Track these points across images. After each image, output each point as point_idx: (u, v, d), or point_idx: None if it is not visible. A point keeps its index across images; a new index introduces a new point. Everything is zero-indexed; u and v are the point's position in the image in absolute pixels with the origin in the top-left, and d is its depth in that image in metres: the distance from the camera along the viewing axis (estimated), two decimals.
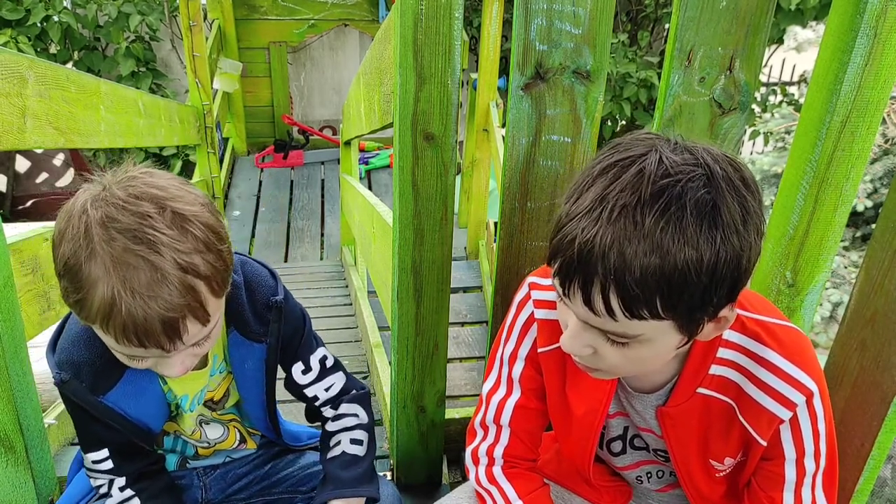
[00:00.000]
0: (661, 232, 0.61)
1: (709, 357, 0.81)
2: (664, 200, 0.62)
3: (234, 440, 1.08)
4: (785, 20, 4.16)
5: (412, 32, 0.98)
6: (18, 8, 4.59)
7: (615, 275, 0.63)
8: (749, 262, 0.65)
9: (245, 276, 0.95)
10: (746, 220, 0.64)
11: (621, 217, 0.63)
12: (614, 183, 0.65)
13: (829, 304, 3.05)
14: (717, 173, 0.63)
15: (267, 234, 4.65)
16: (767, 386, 0.78)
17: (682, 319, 0.67)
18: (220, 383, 1.00)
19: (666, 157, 0.64)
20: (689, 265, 0.62)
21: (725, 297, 0.66)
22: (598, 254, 0.63)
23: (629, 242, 0.62)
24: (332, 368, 1.06)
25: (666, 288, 0.63)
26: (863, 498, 1.01)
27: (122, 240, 0.70)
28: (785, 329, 0.79)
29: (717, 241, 0.62)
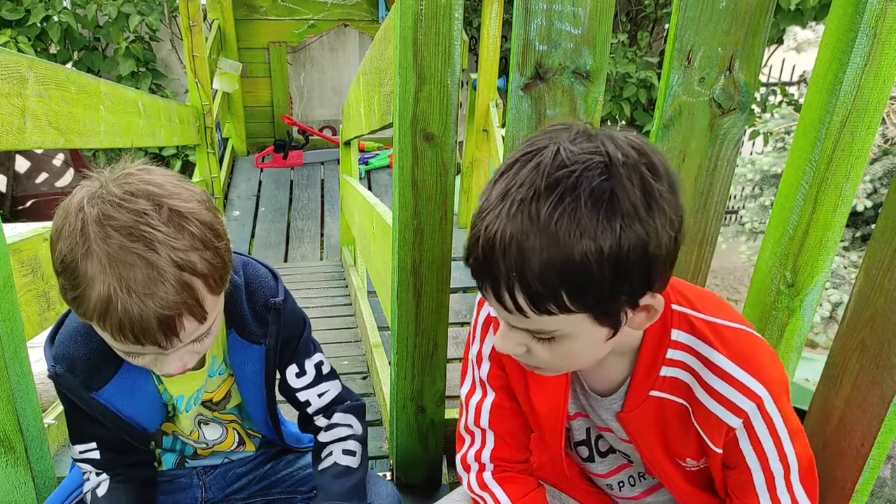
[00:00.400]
0: (557, 224, 0.60)
1: (658, 358, 0.80)
2: (558, 192, 0.61)
3: (233, 442, 1.08)
4: (784, 20, 4.16)
5: (412, 32, 0.98)
6: (18, 8, 4.59)
7: (517, 272, 0.63)
8: (660, 249, 0.63)
9: (246, 278, 0.95)
10: (651, 206, 0.62)
11: (519, 212, 0.62)
12: (515, 178, 0.64)
13: (829, 304, 3.06)
14: (617, 160, 0.62)
15: (267, 234, 4.65)
16: (716, 392, 0.77)
17: (596, 311, 0.66)
18: (220, 385, 1.00)
19: (564, 148, 0.63)
20: (588, 256, 0.61)
21: (639, 285, 0.65)
22: (500, 251, 0.63)
23: (527, 238, 0.61)
24: (328, 376, 1.05)
25: (568, 281, 0.62)
26: (862, 498, 1.01)
27: (118, 237, 0.70)
28: (736, 332, 0.78)
29: (617, 229, 0.61)
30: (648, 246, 0.62)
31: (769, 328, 1.10)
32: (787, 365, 1.14)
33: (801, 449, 0.79)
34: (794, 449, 0.78)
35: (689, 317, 0.79)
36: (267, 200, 5.03)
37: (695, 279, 1.21)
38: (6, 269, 1.08)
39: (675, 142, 1.09)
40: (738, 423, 0.76)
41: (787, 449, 0.78)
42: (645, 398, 0.82)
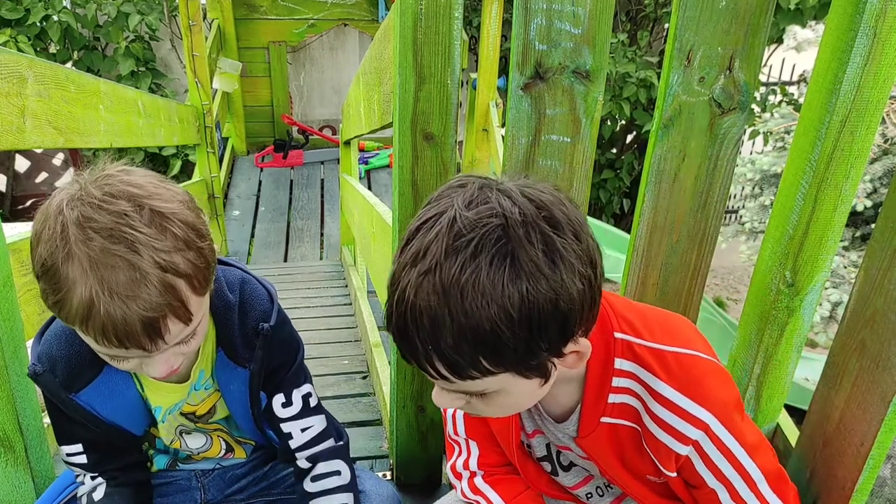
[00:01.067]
0: (462, 295, 0.60)
1: (605, 386, 0.80)
2: (459, 262, 0.61)
3: (220, 449, 1.06)
4: (784, 20, 4.16)
5: (412, 32, 0.98)
6: (18, 7, 4.58)
7: (432, 345, 0.63)
8: (572, 302, 0.63)
9: (241, 297, 0.93)
10: (554, 261, 0.62)
11: (425, 285, 0.62)
12: (419, 246, 0.64)
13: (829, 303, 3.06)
14: (514, 220, 0.62)
15: (267, 233, 4.65)
16: (662, 420, 0.77)
17: (518, 369, 0.66)
18: (206, 399, 0.98)
19: (460, 215, 0.63)
20: (498, 323, 0.60)
21: (557, 339, 0.65)
22: (413, 327, 0.63)
23: (436, 311, 0.61)
24: (314, 410, 1.02)
25: (483, 348, 0.62)
26: (862, 497, 1.01)
27: (99, 240, 0.69)
28: (679, 357, 0.77)
29: (523, 291, 0.60)
30: (558, 302, 0.62)
31: (769, 328, 1.10)
32: (787, 365, 1.14)
33: (763, 461, 0.79)
34: (754, 463, 0.77)
35: (631, 344, 0.78)
36: (267, 200, 5.03)
37: (695, 278, 1.21)
38: (6, 269, 1.08)
39: (674, 141, 1.09)
40: (687, 449, 0.76)
41: (747, 464, 0.77)
42: (597, 424, 0.82)
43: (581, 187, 1.11)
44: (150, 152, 5.16)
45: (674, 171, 1.11)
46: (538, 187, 0.66)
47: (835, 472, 1.04)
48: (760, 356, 1.13)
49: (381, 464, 1.57)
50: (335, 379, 2.19)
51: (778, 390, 1.17)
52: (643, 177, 1.13)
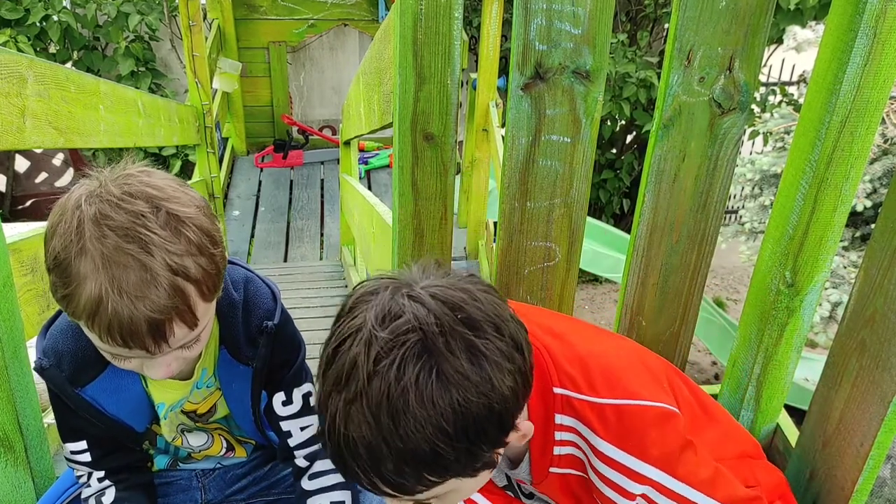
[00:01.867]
0: (395, 422, 0.59)
1: (549, 441, 0.80)
2: (384, 387, 0.59)
3: (221, 448, 1.06)
4: (784, 20, 4.16)
5: (412, 32, 0.98)
6: (18, 7, 4.58)
7: (373, 472, 0.63)
8: (504, 400, 0.62)
9: (245, 296, 0.94)
10: (480, 365, 0.61)
11: (354, 416, 0.61)
12: (340, 373, 0.63)
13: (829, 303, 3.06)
14: (432, 332, 0.60)
15: (266, 233, 4.65)
16: (605, 477, 0.76)
17: (464, 473, 0.66)
18: (206, 398, 0.99)
19: (375, 336, 0.61)
20: (436, 441, 0.60)
21: (497, 436, 0.65)
22: (349, 456, 0.63)
23: (371, 441, 0.61)
24: (314, 409, 1.00)
25: (426, 467, 0.62)
26: (862, 497, 1.01)
27: (113, 238, 0.69)
28: (620, 410, 0.75)
29: (455, 403, 0.59)
30: (492, 405, 0.62)
31: (769, 328, 1.10)
32: (787, 365, 1.14)
33: (726, 492, 0.77)
34: (713, 499, 0.77)
35: (570, 399, 0.78)
36: (267, 200, 5.03)
37: (695, 279, 1.21)
38: (6, 269, 1.08)
39: (675, 142, 1.09)
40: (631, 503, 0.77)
41: (698, 499, 0.77)
42: (546, 475, 0.83)
43: (581, 187, 1.11)
44: (151, 152, 5.16)
45: (674, 171, 1.11)
46: (450, 284, 0.65)
47: (835, 472, 1.04)
48: (760, 356, 1.13)
49: None
50: None
51: (778, 390, 1.17)
52: (643, 177, 1.13)
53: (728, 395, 1.24)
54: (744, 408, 1.20)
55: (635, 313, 1.24)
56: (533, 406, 0.78)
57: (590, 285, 5.02)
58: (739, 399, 1.20)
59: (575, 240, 1.15)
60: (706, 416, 0.91)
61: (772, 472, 0.96)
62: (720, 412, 0.95)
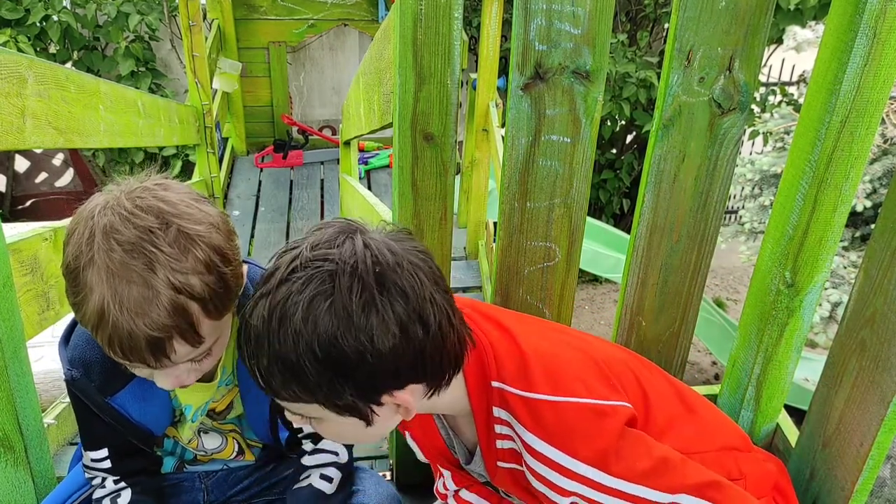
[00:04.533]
0: (280, 324, 0.66)
1: (491, 433, 0.81)
2: (285, 294, 0.66)
3: (232, 451, 1.07)
4: (784, 20, 4.15)
5: (412, 32, 0.98)
6: (18, 7, 4.58)
7: (254, 360, 0.69)
8: (381, 357, 0.66)
9: None
10: (369, 315, 0.65)
11: (258, 307, 0.68)
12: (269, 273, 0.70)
13: (829, 304, 3.06)
14: (343, 269, 0.66)
15: (266, 234, 4.65)
16: (538, 473, 0.77)
17: (327, 404, 0.70)
18: (225, 395, 0.99)
19: (302, 254, 0.68)
20: (303, 356, 0.65)
21: (367, 388, 0.68)
22: (244, 341, 0.70)
23: (259, 333, 0.67)
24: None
25: (291, 376, 0.67)
26: (862, 497, 1.01)
27: (120, 252, 0.69)
28: (554, 407, 0.75)
29: (331, 333, 0.64)
30: (364, 354, 0.65)
31: (769, 328, 1.10)
32: (787, 365, 1.14)
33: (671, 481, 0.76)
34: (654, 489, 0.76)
35: (505, 394, 0.78)
36: (267, 200, 5.03)
37: (694, 279, 1.21)
38: (6, 269, 1.08)
39: (674, 142, 1.09)
40: (569, 499, 0.77)
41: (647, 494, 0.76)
42: (496, 469, 0.84)
43: (581, 187, 1.11)
44: (151, 152, 5.16)
45: (674, 171, 1.11)
46: (389, 246, 0.69)
47: (835, 472, 1.04)
48: (760, 356, 1.13)
49: (381, 464, 1.57)
50: None
51: (778, 390, 1.17)
52: (643, 177, 1.13)
53: (728, 395, 1.24)
54: (744, 408, 1.20)
55: (635, 313, 1.24)
56: (475, 397, 0.81)
57: (590, 285, 5.02)
58: (739, 399, 1.20)
59: (575, 240, 1.15)
60: (686, 409, 0.91)
61: (763, 464, 0.96)
62: (703, 406, 0.95)
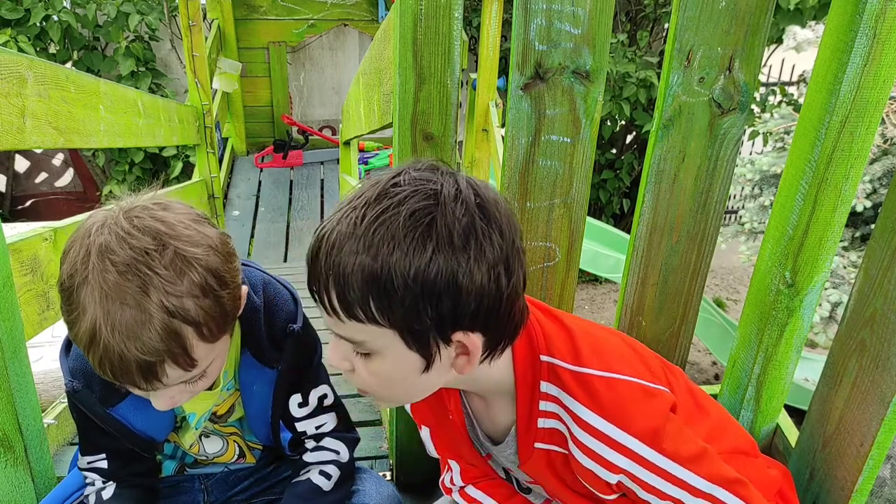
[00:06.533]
0: (374, 234, 0.63)
1: (534, 410, 0.80)
2: (384, 205, 0.64)
3: (233, 454, 1.07)
4: (784, 20, 4.15)
5: (412, 32, 0.98)
6: (18, 7, 4.58)
7: (333, 271, 0.65)
8: (472, 286, 0.64)
9: (266, 299, 0.93)
10: (468, 242, 0.63)
11: (346, 219, 0.65)
12: (365, 188, 0.68)
13: (828, 304, 3.06)
14: (448, 193, 0.64)
15: (266, 233, 4.65)
16: (588, 448, 0.76)
17: (402, 330, 0.66)
18: (227, 399, 0.99)
19: (406, 172, 0.67)
20: (395, 270, 0.62)
21: (448, 316, 0.65)
22: (324, 252, 0.66)
23: (346, 241, 0.64)
24: (328, 408, 1.03)
25: (376, 290, 0.63)
26: (862, 497, 1.01)
27: (114, 273, 0.68)
28: (606, 382, 0.76)
29: (429, 251, 0.62)
30: (458, 278, 0.63)
31: (769, 328, 1.10)
32: (787, 365, 1.14)
33: (710, 470, 0.77)
34: (697, 475, 0.76)
35: (556, 368, 0.78)
36: (266, 200, 5.03)
37: (694, 279, 1.21)
38: (6, 269, 1.08)
39: (674, 142, 1.09)
40: (617, 477, 0.76)
41: (690, 478, 0.76)
42: (532, 451, 0.82)
43: (581, 187, 1.11)
44: (151, 153, 5.16)
45: (673, 171, 1.11)
46: (491, 190, 0.68)
47: (835, 472, 1.04)
48: (760, 356, 1.13)
49: (381, 464, 1.57)
50: (335, 379, 2.16)
51: (778, 390, 1.17)
52: (643, 177, 1.13)
53: (728, 395, 1.24)
54: (743, 408, 1.20)
55: (635, 313, 1.24)
56: (521, 372, 0.78)
57: (590, 285, 5.02)
58: (739, 399, 1.20)
59: (575, 240, 1.15)
60: (698, 410, 0.91)
61: (767, 471, 0.96)
62: (714, 408, 0.95)
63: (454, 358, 0.70)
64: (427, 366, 0.69)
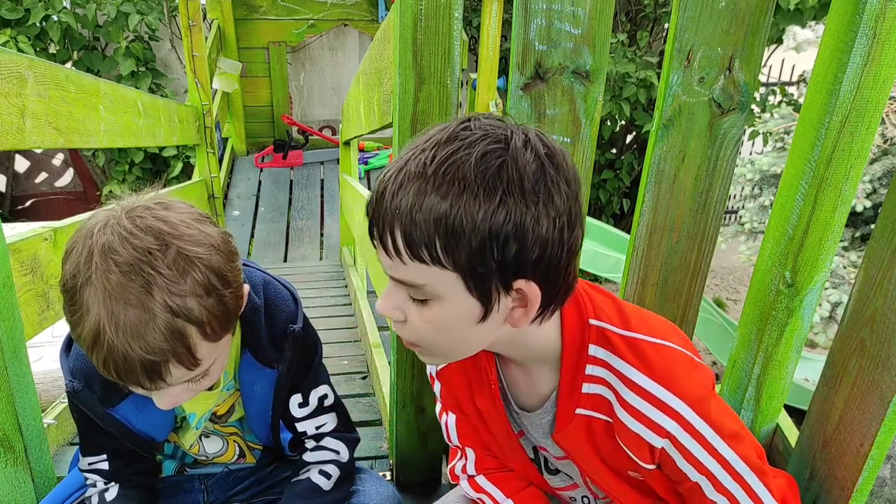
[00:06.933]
0: (444, 173, 0.63)
1: (579, 374, 0.79)
2: (454, 146, 0.64)
3: (233, 454, 1.07)
4: (784, 20, 4.16)
5: (412, 32, 0.98)
6: (18, 8, 4.58)
7: (400, 210, 0.64)
8: (537, 232, 0.64)
9: (266, 299, 0.93)
10: (537, 188, 0.63)
11: (415, 160, 0.65)
12: (435, 132, 0.68)
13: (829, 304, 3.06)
14: (519, 138, 0.65)
15: (266, 233, 4.65)
16: (636, 410, 0.75)
17: (465, 273, 0.65)
18: (227, 399, 0.99)
19: (476, 118, 0.67)
20: (464, 209, 0.62)
21: (511, 262, 0.65)
22: (391, 192, 0.65)
23: (415, 181, 0.64)
24: (329, 409, 1.03)
25: (443, 230, 0.63)
26: (862, 497, 1.01)
27: (118, 273, 0.68)
28: (656, 347, 0.76)
29: (498, 194, 0.62)
30: (525, 222, 0.63)
31: (769, 328, 1.10)
32: (787, 365, 1.14)
33: (746, 452, 0.78)
34: (735, 452, 0.76)
35: (605, 331, 0.78)
36: (266, 200, 5.03)
37: (694, 279, 1.21)
38: (6, 269, 1.08)
39: (674, 142, 1.09)
40: (662, 442, 0.75)
41: (727, 454, 0.76)
42: (572, 416, 0.81)
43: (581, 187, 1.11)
44: (151, 153, 5.16)
45: (673, 171, 1.11)
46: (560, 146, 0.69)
47: (835, 472, 1.04)
48: (760, 356, 1.13)
49: (381, 464, 1.57)
50: (335, 379, 2.17)
51: (778, 390, 1.17)
52: (643, 177, 1.13)
53: (728, 395, 1.24)
54: (743, 408, 1.20)
55: None
56: (569, 335, 0.78)
57: None
58: (739, 399, 1.20)
59: None
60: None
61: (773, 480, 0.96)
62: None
63: (511, 310, 0.70)
64: (484, 315, 0.69)
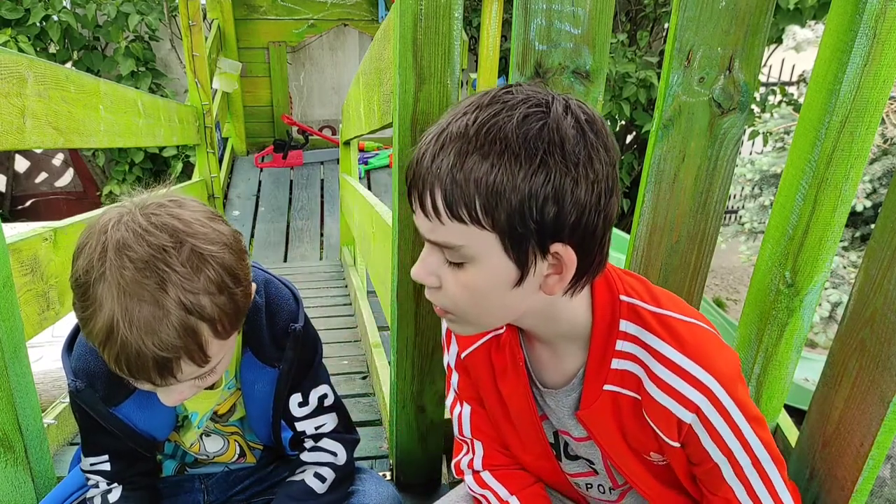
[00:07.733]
0: (486, 133, 0.64)
1: (608, 350, 0.79)
2: (496, 108, 0.65)
3: (234, 454, 1.07)
4: (784, 20, 4.16)
5: (412, 32, 0.98)
6: (18, 7, 4.59)
7: (440, 170, 0.66)
8: (577, 194, 0.65)
9: (267, 298, 0.94)
10: (577, 151, 0.64)
11: (456, 122, 0.66)
12: (480, 95, 0.69)
13: (829, 304, 3.06)
14: (560, 103, 0.66)
15: (266, 233, 4.65)
16: (666, 384, 0.76)
17: (504, 234, 0.66)
18: (228, 398, 0.99)
19: (518, 84, 0.69)
20: (504, 169, 0.63)
21: (549, 224, 0.65)
22: (431, 153, 0.67)
23: (455, 142, 0.65)
24: (329, 409, 1.03)
25: (483, 190, 0.64)
26: (862, 497, 1.01)
27: (132, 269, 0.69)
28: (686, 325, 0.77)
29: (538, 156, 0.63)
30: (565, 185, 0.64)
31: (769, 328, 1.10)
32: (787, 365, 1.14)
33: (767, 438, 0.78)
34: (757, 437, 0.77)
35: (637, 308, 0.79)
36: (266, 200, 5.03)
37: (694, 278, 1.21)
38: (6, 269, 1.08)
39: (674, 142, 1.09)
40: (690, 417, 0.75)
41: (751, 438, 0.77)
42: (600, 392, 0.81)
43: None
44: (151, 153, 5.17)
45: (673, 171, 1.11)
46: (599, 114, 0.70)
47: (835, 472, 1.04)
48: (760, 356, 1.13)
49: (381, 464, 1.57)
50: (335, 379, 2.17)
51: (778, 390, 1.17)
52: (643, 177, 1.13)
53: None
54: None
55: None
56: (600, 310, 0.79)
57: None
58: None
59: None
60: None
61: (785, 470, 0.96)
62: None
63: (545, 276, 0.70)
64: (520, 279, 0.69)
